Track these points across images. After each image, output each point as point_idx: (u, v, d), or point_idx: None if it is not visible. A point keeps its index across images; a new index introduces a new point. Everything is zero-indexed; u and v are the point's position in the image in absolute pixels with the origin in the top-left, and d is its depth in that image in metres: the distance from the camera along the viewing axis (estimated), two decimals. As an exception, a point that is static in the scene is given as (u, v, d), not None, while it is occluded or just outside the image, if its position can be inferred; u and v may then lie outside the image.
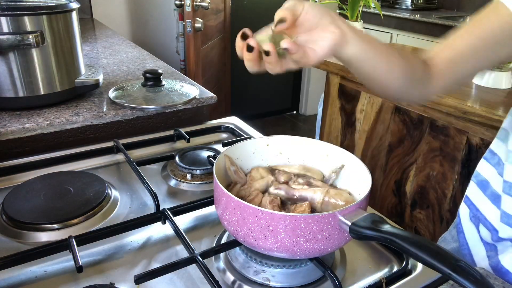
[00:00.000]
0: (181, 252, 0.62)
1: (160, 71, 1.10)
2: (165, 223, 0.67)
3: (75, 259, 0.55)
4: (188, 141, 0.90)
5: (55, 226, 0.66)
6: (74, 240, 0.59)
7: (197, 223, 0.70)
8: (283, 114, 4.07)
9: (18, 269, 0.58)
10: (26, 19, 0.90)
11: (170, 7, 2.51)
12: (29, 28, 0.90)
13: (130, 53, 1.56)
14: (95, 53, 1.56)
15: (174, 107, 1.04)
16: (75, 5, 1.01)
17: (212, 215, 0.71)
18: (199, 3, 2.00)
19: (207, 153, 0.87)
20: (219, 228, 0.68)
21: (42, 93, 0.97)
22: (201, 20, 2.03)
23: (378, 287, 0.55)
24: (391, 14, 3.14)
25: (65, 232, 0.65)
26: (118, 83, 1.17)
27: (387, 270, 0.60)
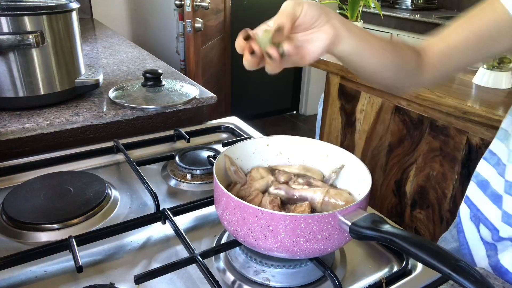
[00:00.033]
0: (181, 252, 0.62)
1: (160, 71, 1.10)
2: (165, 223, 0.67)
3: (75, 259, 0.55)
4: (188, 141, 0.90)
5: (55, 226, 0.66)
6: (74, 240, 0.59)
7: (197, 223, 0.70)
8: (283, 114, 4.07)
9: (18, 269, 0.58)
10: (26, 19, 0.90)
11: (170, 7, 2.51)
12: (29, 28, 0.90)
13: (130, 53, 1.56)
14: (95, 53, 1.56)
15: (174, 107, 1.04)
16: (75, 5, 1.01)
17: (212, 215, 0.71)
18: (199, 3, 2.00)
19: (207, 153, 0.87)
20: (219, 228, 0.68)
21: (42, 93, 0.97)
22: (201, 20, 2.03)
23: (378, 287, 0.55)
24: (391, 14, 3.15)
25: (65, 232, 0.65)
26: (118, 83, 1.17)
27: (387, 270, 0.60)
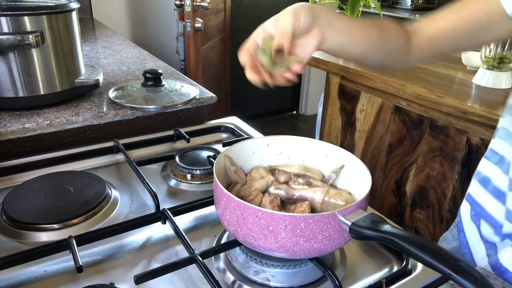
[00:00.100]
0: (181, 252, 0.62)
1: (160, 71, 1.10)
2: (165, 223, 0.67)
3: (75, 259, 0.55)
4: (188, 141, 0.90)
5: (55, 226, 0.66)
6: (74, 240, 0.59)
7: (197, 223, 0.70)
8: (283, 114, 4.06)
9: (18, 269, 0.58)
10: (26, 19, 0.90)
11: (170, 7, 2.51)
12: (29, 28, 0.90)
13: (130, 53, 1.56)
14: (95, 53, 1.56)
15: (174, 107, 1.04)
16: (75, 5, 1.01)
17: (212, 215, 0.71)
18: (199, 3, 2.00)
19: (207, 153, 0.87)
20: (219, 228, 0.68)
21: (42, 93, 0.97)
22: (201, 20, 2.03)
23: (378, 287, 0.55)
24: (391, 14, 3.14)
25: (65, 232, 0.65)
26: (118, 83, 1.17)
27: (387, 270, 0.60)
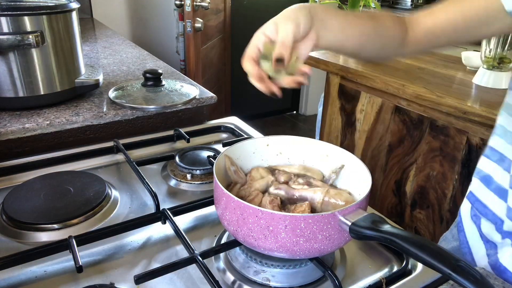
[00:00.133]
0: (181, 252, 0.62)
1: (160, 71, 1.10)
2: (165, 223, 0.67)
3: (75, 259, 0.55)
4: (188, 141, 0.90)
5: (55, 226, 0.66)
6: (74, 240, 0.59)
7: (197, 223, 0.70)
8: (283, 114, 4.06)
9: (18, 269, 0.58)
10: (26, 19, 0.90)
11: (170, 7, 2.51)
12: (29, 28, 0.90)
13: (130, 53, 1.56)
14: (95, 53, 1.56)
15: (174, 107, 1.04)
16: (75, 5, 1.01)
17: (212, 215, 0.71)
18: (199, 3, 2.00)
19: (207, 153, 0.87)
20: (219, 228, 0.68)
21: (42, 93, 0.97)
22: (201, 20, 2.03)
23: (378, 287, 0.55)
24: (391, 14, 3.14)
25: (65, 232, 0.65)
26: (118, 83, 1.17)
27: (387, 270, 0.60)
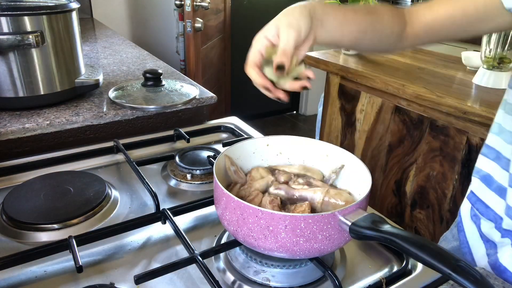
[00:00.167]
0: (181, 252, 0.62)
1: (160, 71, 1.10)
2: (165, 223, 0.67)
3: (75, 259, 0.55)
4: (188, 141, 0.90)
5: (55, 226, 0.66)
6: (74, 240, 0.59)
7: (197, 223, 0.70)
8: (283, 114, 4.06)
9: (18, 269, 0.58)
10: (26, 19, 0.90)
11: (170, 7, 2.51)
12: (29, 28, 0.90)
13: (130, 53, 1.56)
14: (95, 53, 1.56)
15: (174, 107, 1.04)
16: (75, 5, 1.01)
17: (212, 215, 0.71)
18: (199, 3, 2.00)
19: (207, 153, 0.87)
20: (219, 228, 0.68)
21: (42, 93, 0.97)
22: (201, 20, 2.03)
23: (378, 287, 0.55)
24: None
25: (65, 232, 0.65)
26: (118, 83, 1.17)
27: (387, 270, 0.60)
